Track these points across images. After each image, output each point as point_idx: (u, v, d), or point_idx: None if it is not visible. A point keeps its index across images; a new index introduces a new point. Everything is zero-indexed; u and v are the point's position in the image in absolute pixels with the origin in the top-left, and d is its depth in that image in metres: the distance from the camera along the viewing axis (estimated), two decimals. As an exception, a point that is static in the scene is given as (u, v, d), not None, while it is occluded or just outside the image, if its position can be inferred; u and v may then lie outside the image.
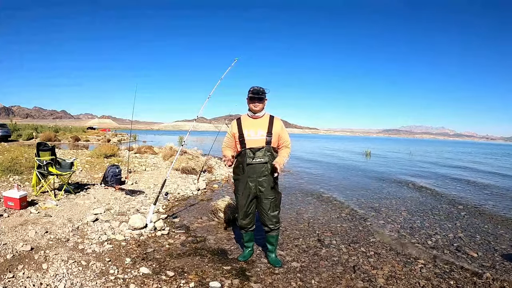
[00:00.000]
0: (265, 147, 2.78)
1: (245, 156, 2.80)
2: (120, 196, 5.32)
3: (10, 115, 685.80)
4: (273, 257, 3.05)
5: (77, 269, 2.68)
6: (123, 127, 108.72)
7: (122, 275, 2.64)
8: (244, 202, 2.89)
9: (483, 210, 5.78)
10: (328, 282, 2.75)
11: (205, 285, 2.57)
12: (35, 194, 4.96)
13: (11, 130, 22.03)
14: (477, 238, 4.12)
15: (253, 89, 2.80)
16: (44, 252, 2.91)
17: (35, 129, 30.72)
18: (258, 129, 2.81)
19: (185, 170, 8.23)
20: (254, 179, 2.81)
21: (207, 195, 6.03)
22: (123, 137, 30.56)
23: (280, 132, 2.85)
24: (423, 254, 3.46)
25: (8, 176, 6.26)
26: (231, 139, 2.91)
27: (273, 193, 2.84)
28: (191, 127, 5.13)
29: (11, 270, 2.56)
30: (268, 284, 2.65)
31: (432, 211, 5.50)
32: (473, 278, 2.92)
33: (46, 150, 5.34)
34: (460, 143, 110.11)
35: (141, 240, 3.46)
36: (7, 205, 4.13)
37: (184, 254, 3.15)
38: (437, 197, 6.84)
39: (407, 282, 2.80)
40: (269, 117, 2.87)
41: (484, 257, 3.46)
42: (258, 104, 2.80)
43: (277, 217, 2.92)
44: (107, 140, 24.26)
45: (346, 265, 3.12)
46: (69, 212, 4.21)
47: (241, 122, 2.88)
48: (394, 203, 6.03)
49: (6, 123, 23.94)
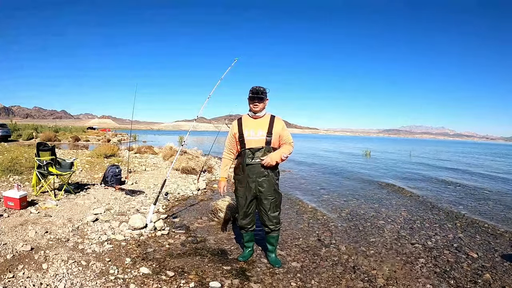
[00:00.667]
0: (265, 147, 2.78)
1: (244, 156, 2.80)
2: (120, 196, 5.32)
3: (10, 115, 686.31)
4: (273, 257, 3.05)
5: (77, 269, 2.68)
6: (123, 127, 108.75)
7: (122, 275, 2.64)
8: (244, 202, 2.89)
9: (483, 210, 5.78)
10: (328, 282, 2.75)
11: (205, 285, 2.57)
12: (35, 194, 4.96)
13: (11, 130, 22.03)
14: (477, 238, 4.12)
15: (253, 89, 2.80)
16: (44, 252, 2.91)
17: (35, 129, 30.72)
18: (258, 129, 2.80)
19: (185, 170, 8.23)
20: (254, 179, 2.81)
21: (207, 195, 6.03)
22: (123, 137, 30.56)
23: (280, 132, 2.83)
24: (423, 254, 3.46)
25: (8, 176, 6.27)
26: (233, 139, 2.91)
27: (273, 194, 2.84)
28: (191, 127, 5.13)
29: (11, 270, 2.56)
30: (268, 284, 2.65)
31: (432, 211, 5.50)
32: (473, 278, 2.92)
33: (46, 150, 5.34)
34: (460, 143, 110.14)
35: (141, 240, 3.46)
36: (7, 205, 4.13)
37: (184, 254, 3.15)
38: (437, 197, 6.83)
39: (407, 282, 2.80)
40: (270, 117, 2.86)
41: (484, 257, 3.46)
42: (258, 104, 2.80)
43: (277, 218, 2.92)
44: (107, 140, 24.26)
45: (346, 265, 3.12)
46: (69, 212, 4.21)
47: (242, 122, 2.88)
48: (394, 203, 6.03)
49: (6, 123, 23.94)
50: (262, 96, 2.79)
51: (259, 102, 2.79)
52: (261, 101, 2.80)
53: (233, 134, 2.90)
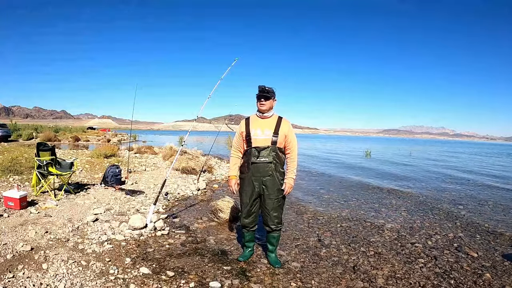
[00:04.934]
0: (271, 147, 2.79)
1: (250, 155, 2.82)
2: (120, 196, 5.32)
3: (10, 115, 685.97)
4: (273, 257, 3.05)
5: (77, 269, 2.68)
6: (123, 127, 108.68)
7: (122, 275, 2.64)
8: (248, 200, 2.89)
9: (483, 210, 5.78)
10: (328, 282, 2.75)
11: (205, 285, 2.57)
12: (35, 194, 4.96)
13: (11, 130, 22.02)
14: (477, 238, 4.12)
15: (259, 87, 2.82)
16: (44, 252, 2.91)
17: (35, 129, 30.73)
18: (265, 128, 2.82)
19: (185, 170, 8.23)
20: (258, 178, 2.82)
21: (207, 195, 6.03)
22: (123, 137, 30.56)
23: (287, 134, 2.84)
24: (423, 254, 3.46)
25: (8, 176, 6.27)
26: (240, 138, 2.93)
27: (277, 194, 2.85)
28: (191, 127, 5.13)
29: (11, 270, 2.56)
30: (268, 284, 2.65)
31: (432, 211, 5.50)
32: (473, 278, 2.92)
33: (46, 150, 5.34)
34: (460, 143, 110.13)
35: (141, 240, 3.46)
36: (7, 205, 4.13)
37: (184, 254, 3.15)
38: (437, 197, 6.83)
39: (407, 282, 2.80)
40: (277, 118, 2.88)
41: (484, 257, 3.46)
42: (264, 103, 2.79)
43: (279, 218, 2.93)
44: (107, 140, 24.27)
45: (346, 265, 3.12)
46: (69, 212, 4.21)
47: (250, 121, 2.90)
48: (394, 203, 6.03)
49: (6, 123, 23.94)
50: (268, 95, 2.80)
51: (266, 100, 2.79)
52: (267, 99, 2.80)
53: (240, 133, 2.92)
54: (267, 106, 2.82)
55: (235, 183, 2.98)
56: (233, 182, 2.98)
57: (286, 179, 2.87)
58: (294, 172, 2.89)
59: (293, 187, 2.93)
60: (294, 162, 2.90)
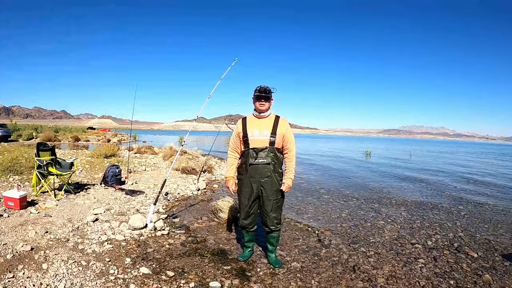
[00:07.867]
0: (269, 147, 2.77)
1: (248, 156, 2.80)
2: (120, 196, 5.32)
3: (10, 115, 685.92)
4: (273, 258, 3.04)
5: (77, 269, 2.68)
6: (123, 127, 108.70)
7: (122, 275, 2.64)
8: (247, 202, 2.89)
9: (483, 210, 5.78)
10: (328, 282, 2.75)
11: (205, 285, 2.57)
12: (35, 194, 4.96)
13: (11, 130, 22.03)
14: (477, 238, 4.12)
15: (260, 88, 2.79)
16: (44, 252, 2.91)
17: (35, 129, 30.73)
18: (263, 129, 2.79)
19: (185, 170, 8.23)
20: (257, 180, 2.81)
21: (207, 195, 6.03)
22: (123, 137, 30.54)
23: (285, 134, 2.82)
24: (423, 254, 3.46)
25: (8, 176, 6.27)
26: (237, 139, 2.90)
27: (275, 195, 2.84)
28: (191, 127, 5.13)
29: (11, 270, 2.56)
30: (268, 284, 2.65)
31: (432, 211, 5.50)
32: (473, 279, 2.92)
33: (46, 150, 5.34)
34: (460, 143, 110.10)
35: (141, 240, 3.46)
36: (7, 205, 4.13)
37: (184, 254, 3.15)
38: (437, 197, 6.83)
39: (407, 282, 2.80)
40: (275, 117, 2.85)
41: (484, 257, 3.46)
42: (264, 103, 2.78)
43: (278, 218, 2.92)
44: (107, 140, 24.26)
45: (346, 265, 3.12)
46: (69, 212, 4.21)
47: (246, 121, 2.86)
48: (394, 203, 6.03)
49: (6, 123, 23.94)
50: (269, 95, 2.79)
51: (266, 101, 2.78)
52: (267, 100, 2.79)
53: (237, 134, 2.88)
54: (266, 107, 2.81)
55: (232, 183, 2.97)
56: (231, 183, 2.97)
57: (285, 179, 2.86)
58: (293, 172, 2.88)
59: (291, 187, 2.92)
60: (293, 162, 2.88)
